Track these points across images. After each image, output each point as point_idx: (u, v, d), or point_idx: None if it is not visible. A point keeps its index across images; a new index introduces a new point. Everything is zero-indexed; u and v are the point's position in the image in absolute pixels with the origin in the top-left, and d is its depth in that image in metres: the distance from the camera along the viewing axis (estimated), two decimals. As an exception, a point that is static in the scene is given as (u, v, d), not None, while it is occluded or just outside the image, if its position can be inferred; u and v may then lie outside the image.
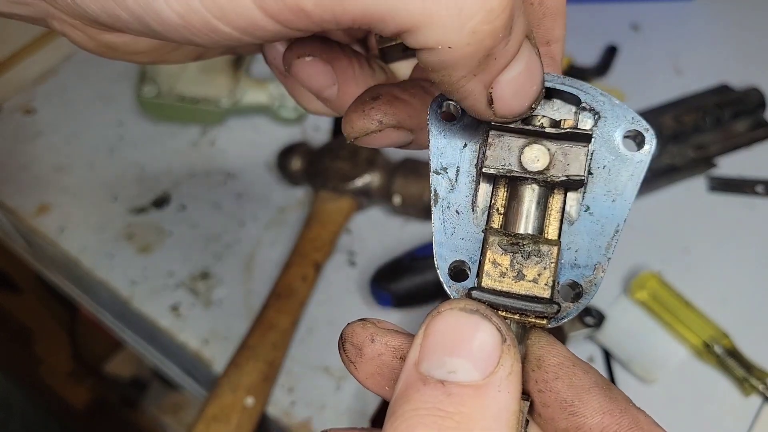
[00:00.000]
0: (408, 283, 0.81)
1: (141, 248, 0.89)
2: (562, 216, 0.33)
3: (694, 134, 0.94)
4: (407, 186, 0.87)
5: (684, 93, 0.99)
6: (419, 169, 0.87)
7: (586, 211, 0.33)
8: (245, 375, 0.75)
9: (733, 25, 1.12)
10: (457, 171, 0.34)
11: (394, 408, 0.27)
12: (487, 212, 0.33)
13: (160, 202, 0.94)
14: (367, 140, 0.37)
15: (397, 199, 0.87)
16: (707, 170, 0.93)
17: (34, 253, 1.03)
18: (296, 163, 0.91)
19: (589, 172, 0.32)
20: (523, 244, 0.31)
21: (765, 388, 0.76)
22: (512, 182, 0.33)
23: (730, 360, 0.77)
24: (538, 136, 0.32)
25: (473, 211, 0.33)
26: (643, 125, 0.32)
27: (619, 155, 0.32)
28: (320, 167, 0.89)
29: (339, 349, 0.33)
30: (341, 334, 0.33)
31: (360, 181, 0.87)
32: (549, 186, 0.32)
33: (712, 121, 0.95)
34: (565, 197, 0.33)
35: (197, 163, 0.97)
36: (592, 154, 0.32)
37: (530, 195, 0.32)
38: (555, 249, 0.31)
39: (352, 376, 0.33)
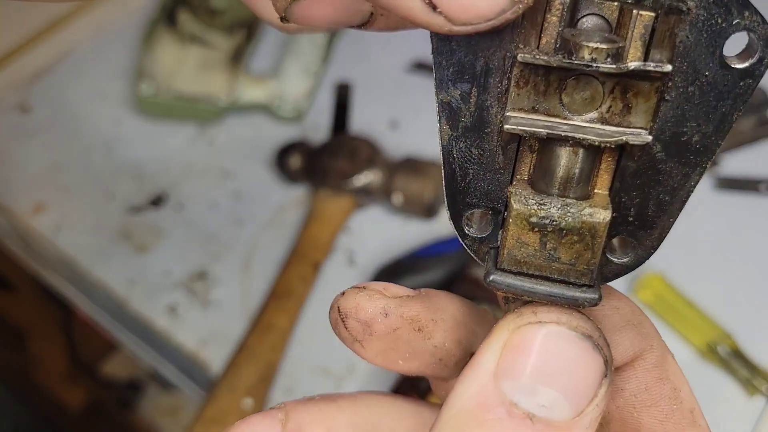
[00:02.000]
0: (409, 284, 0.80)
1: (138, 248, 0.88)
2: (615, 172, 0.24)
3: (696, 133, 0.94)
4: (408, 185, 0.86)
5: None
6: (420, 168, 0.87)
7: (650, 156, 0.24)
8: (243, 376, 0.74)
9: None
10: (475, 97, 0.24)
11: (462, 425, 0.23)
12: (514, 155, 0.25)
13: (158, 201, 0.93)
14: (299, 11, 0.26)
15: (397, 198, 0.86)
16: (711, 169, 0.93)
17: (30, 253, 1.02)
18: (295, 162, 0.90)
19: (664, 99, 0.23)
20: (557, 217, 0.23)
21: (770, 389, 0.75)
22: (547, 147, 0.24)
23: (734, 361, 0.76)
24: (584, 73, 0.23)
25: (495, 152, 0.25)
26: (760, 27, 0.21)
27: (715, 73, 0.22)
28: (319, 166, 0.89)
29: (335, 326, 0.28)
30: (336, 308, 0.28)
31: (360, 180, 0.86)
32: (597, 149, 0.24)
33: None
34: (619, 157, 0.24)
35: (195, 161, 0.96)
36: (671, 78, 0.22)
37: (571, 159, 0.24)
38: (601, 225, 0.23)
39: (356, 353, 0.29)
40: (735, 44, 0.22)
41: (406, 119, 0.98)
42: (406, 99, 1.00)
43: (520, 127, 0.23)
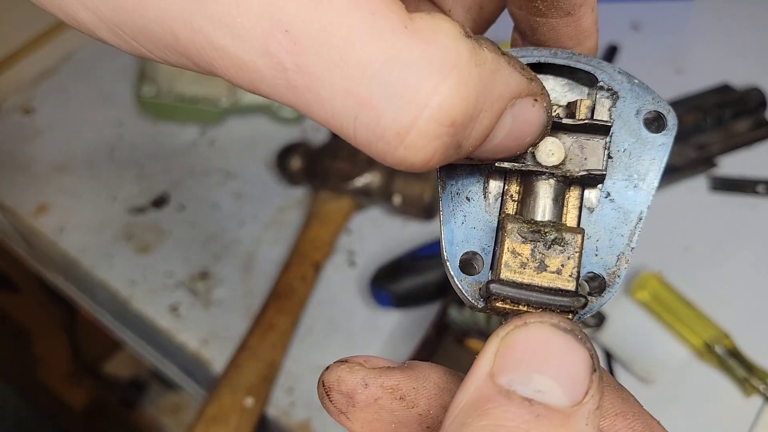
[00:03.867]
0: (408, 284, 0.81)
1: (140, 248, 0.89)
2: (581, 205, 0.30)
3: (694, 134, 0.94)
4: (407, 186, 0.86)
5: (685, 92, 0.99)
6: (419, 169, 0.87)
7: (606, 197, 0.30)
8: (245, 375, 0.75)
9: (734, 25, 1.12)
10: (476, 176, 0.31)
11: (465, 419, 0.23)
12: (500, 199, 0.30)
13: (160, 201, 0.93)
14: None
15: (397, 199, 0.87)
16: (708, 170, 0.93)
17: (33, 253, 1.03)
18: (296, 163, 0.91)
19: (609, 157, 0.30)
20: (545, 232, 0.28)
21: (766, 388, 0.76)
22: (526, 177, 0.30)
23: (731, 360, 0.77)
24: (553, 128, 0.29)
25: (485, 198, 0.31)
26: (664, 106, 0.30)
27: (640, 138, 0.30)
28: (320, 167, 0.89)
29: (322, 400, 0.29)
30: (322, 382, 0.29)
31: (360, 181, 0.87)
32: (566, 181, 0.30)
33: (713, 120, 0.95)
34: (583, 191, 0.30)
35: (196, 162, 0.97)
36: (611, 137, 0.30)
37: (546, 190, 0.29)
38: (579, 237, 0.28)
39: (343, 426, 0.29)
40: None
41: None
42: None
43: (507, 164, 0.29)
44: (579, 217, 0.30)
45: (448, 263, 0.30)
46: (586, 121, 0.29)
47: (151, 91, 0.97)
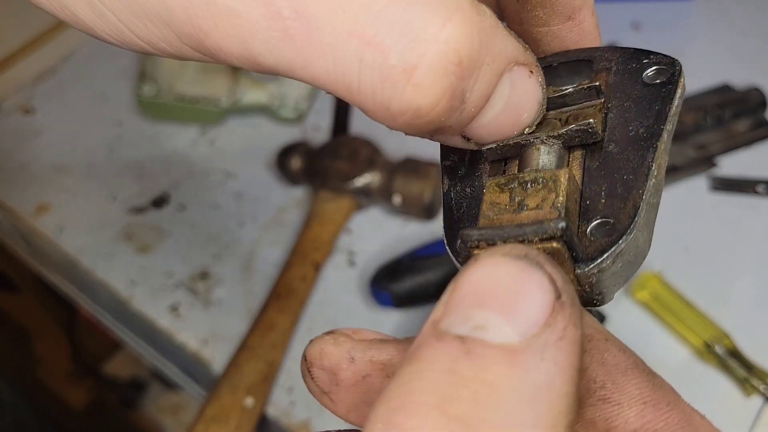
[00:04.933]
0: (409, 283, 0.81)
1: (140, 248, 0.89)
2: (584, 163, 0.28)
3: (694, 134, 0.94)
4: (407, 186, 0.86)
5: (685, 93, 0.98)
6: (419, 169, 0.87)
7: (609, 153, 0.27)
8: (245, 375, 0.75)
9: (735, 25, 1.11)
10: (468, 156, 0.30)
11: (398, 369, 0.20)
12: None
13: (160, 201, 0.93)
14: None
15: (397, 199, 0.87)
16: (708, 170, 0.93)
17: (33, 253, 1.02)
18: (296, 163, 0.91)
19: (608, 113, 0.28)
20: (523, 177, 0.26)
21: (766, 388, 0.76)
22: (523, 155, 0.28)
23: (731, 360, 0.77)
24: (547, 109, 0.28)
25: (484, 180, 0.29)
26: (664, 57, 0.29)
27: (641, 90, 0.28)
28: (320, 167, 0.89)
29: (304, 377, 0.26)
30: (303, 356, 0.26)
31: (360, 181, 0.87)
32: (561, 143, 0.28)
33: (713, 120, 0.95)
34: (585, 153, 0.28)
35: (196, 162, 0.97)
36: (609, 99, 0.28)
37: (537, 153, 0.27)
38: (562, 171, 0.26)
39: (327, 408, 0.25)
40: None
41: (406, 120, 0.98)
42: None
43: (492, 144, 0.27)
44: (582, 173, 0.27)
45: (448, 247, 0.29)
46: (570, 89, 0.28)
47: (151, 91, 0.97)
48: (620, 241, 0.25)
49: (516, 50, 0.25)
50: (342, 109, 1.01)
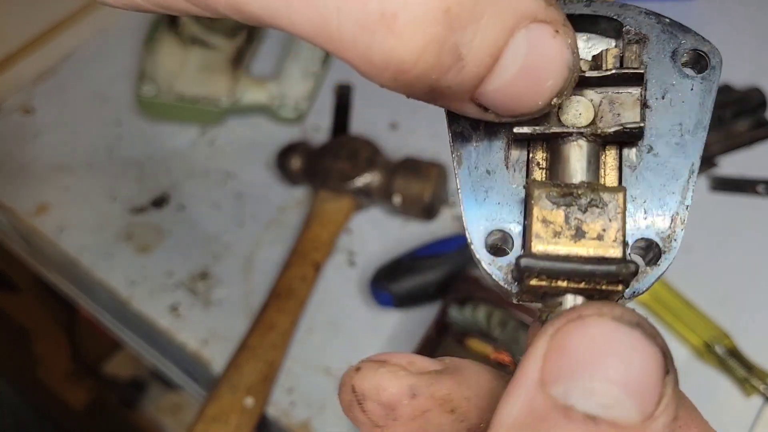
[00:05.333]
0: (409, 283, 0.81)
1: (140, 248, 0.89)
2: (620, 164, 0.26)
3: (695, 134, 0.94)
4: (407, 186, 0.86)
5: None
6: (419, 169, 0.87)
7: (649, 152, 0.26)
8: (245, 375, 0.75)
9: (735, 25, 1.11)
10: (483, 125, 0.27)
11: None
12: (525, 168, 0.27)
13: (160, 201, 0.93)
14: None
15: (397, 199, 0.87)
16: (708, 170, 0.93)
17: (33, 253, 1.02)
18: (296, 163, 0.91)
19: (646, 106, 0.26)
20: (579, 194, 0.24)
21: (766, 388, 0.76)
22: (552, 142, 0.26)
23: (731, 360, 0.77)
24: (578, 85, 0.25)
25: (508, 169, 0.27)
26: (703, 43, 0.26)
27: (680, 81, 0.26)
28: (320, 167, 0.89)
29: (350, 408, 0.24)
30: (351, 387, 0.24)
31: (360, 181, 0.87)
32: (599, 141, 0.26)
33: (713, 120, 0.94)
34: (621, 149, 0.26)
35: (196, 162, 0.97)
36: (646, 85, 0.26)
37: (577, 152, 0.25)
38: (620, 195, 0.24)
39: None
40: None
41: (406, 120, 0.99)
42: (406, 100, 1.00)
43: (526, 129, 0.25)
44: (620, 178, 0.26)
45: (473, 246, 0.26)
46: (614, 71, 0.26)
47: (151, 91, 0.97)
48: (665, 267, 0.25)
49: (533, 4, 0.22)
50: (342, 109, 1.01)
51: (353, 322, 0.83)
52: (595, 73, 0.26)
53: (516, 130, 0.25)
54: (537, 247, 0.24)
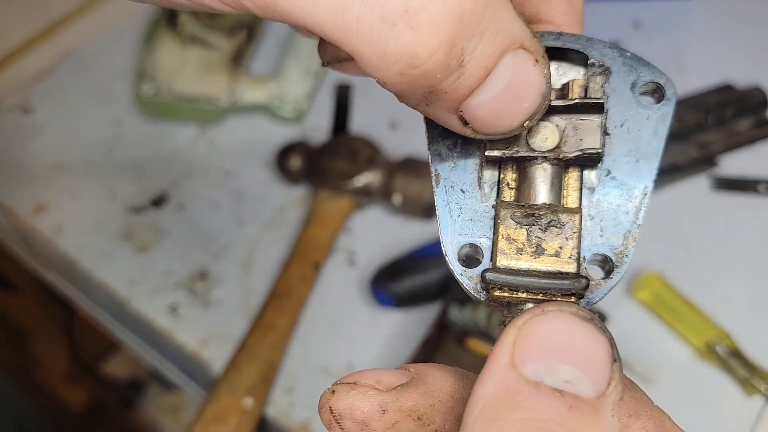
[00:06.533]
0: (409, 283, 0.81)
1: (139, 248, 0.89)
2: (581, 185, 0.29)
3: (696, 133, 0.94)
4: (407, 185, 0.86)
5: (686, 92, 0.98)
6: (419, 169, 0.87)
7: (607, 176, 0.29)
8: (244, 376, 0.75)
9: (736, 24, 1.11)
10: (459, 147, 0.30)
11: (495, 414, 0.22)
12: (496, 188, 0.30)
13: (159, 201, 0.93)
14: (342, 67, 0.33)
15: (397, 199, 0.86)
16: (709, 169, 0.93)
17: (32, 253, 1.02)
18: (295, 162, 0.90)
19: (606, 133, 0.29)
20: (540, 215, 0.28)
21: (767, 388, 0.75)
22: (520, 163, 0.29)
23: (733, 360, 0.76)
24: (546, 112, 0.29)
25: (480, 188, 0.30)
26: (660, 76, 0.29)
27: (638, 111, 0.29)
28: (320, 166, 0.89)
29: (330, 426, 0.27)
30: (329, 408, 0.27)
31: (360, 181, 0.87)
32: (562, 164, 0.29)
33: (715, 120, 0.94)
34: (582, 172, 0.30)
35: (196, 162, 0.97)
36: (606, 114, 0.29)
37: (541, 174, 0.29)
38: (576, 216, 0.28)
39: None
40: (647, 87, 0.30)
41: (406, 120, 0.98)
42: (406, 99, 1.00)
43: (496, 152, 0.29)
44: (580, 198, 0.29)
45: (447, 258, 0.29)
46: (578, 101, 0.29)
47: (151, 90, 0.96)
48: (617, 280, 0.28)
49: (523, 33, 0.25)
50: (342, 109, 1.01)
51: (353, 322, 0.83)
52: (561, 102, 0.29)
53: (487, 152, 0.29)
54: (501, 261, 0.28)
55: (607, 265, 0.29)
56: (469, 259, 0.29)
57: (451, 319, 0.77)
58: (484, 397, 0.23)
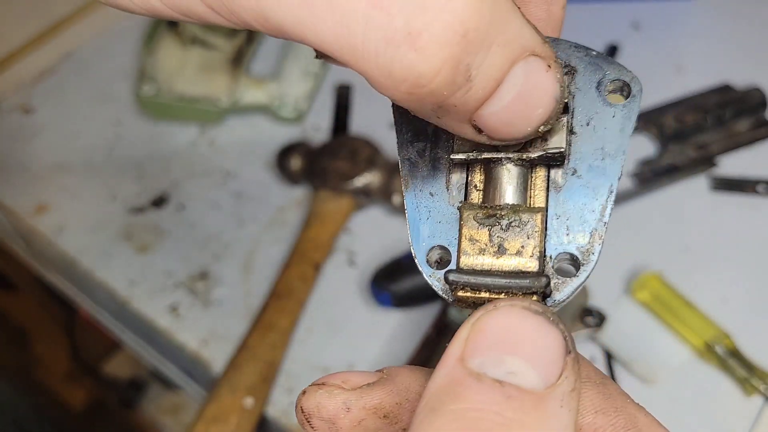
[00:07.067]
0: (408, 283, 0.81)
1: (140, 248, 0.89)
2: (548, 185, 0.29)
3: (695, 134, 0.94)
4: (407, 185, 0.86)
5: (685, 92, 0.98)
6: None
7: (573, 174, 0.29)
8: (244, 375, 0.75)
9: (735, 24, 1.11)
10: (428, 151, 0.31)
11: (435, 404, 0.23)
12: (463, 191, 0.30)
13: (159, 201, 0.93)
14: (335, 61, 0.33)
15: (397, 199, 0.87)
16: (708, 170, 0.93)
17: (33, 253, 1.02)
18: (296, 163, 0.91)
19: (572, 132, 0.29)
20: (501, 215, 0.28)
21: (766, 388, 0.75)
22: (486, 165, 0.30)
23: (732, 360, 0.77)
24: None
25: (448, 191, 0.30)
26: (626, 74, 0.29)
27: (603, 109, 0.29)
28: (320, 167, 0.89)
29: (302, 425, 0.29)
30: (301, 408, 0.29)
31: (359, 181, 0.87)
32: (527, 164, 0.29)
33: (714, 120, 0.95)
34: (549, 171, 0.30)
35: (196, 162, 0.97)
36: (572, 113, 0.29)
37: (506, 175, 0.29)
38: (538, 215, 0.28)
39: None
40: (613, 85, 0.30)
41: (406, 120, 0.98)
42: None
43: (462, 156, 0.29)
44: (546, 198, 0.29)
45: (416, 260, 0.30)
46: None
47: (151, 91, 0.97)
48: (584, 278, 0.28)
49: (533, 40, 0.24)
50: (342, 109, 1.01)
51: (353, 322, 0.83)
52: None
53: (453, 156, 0.29)
54: (464, 262, 0.28)
55: (574, 264, 0.29)
56: (442, 261, 0.30)
57: (451, 318, 0.77)
58: (431, 390, 0.24)
